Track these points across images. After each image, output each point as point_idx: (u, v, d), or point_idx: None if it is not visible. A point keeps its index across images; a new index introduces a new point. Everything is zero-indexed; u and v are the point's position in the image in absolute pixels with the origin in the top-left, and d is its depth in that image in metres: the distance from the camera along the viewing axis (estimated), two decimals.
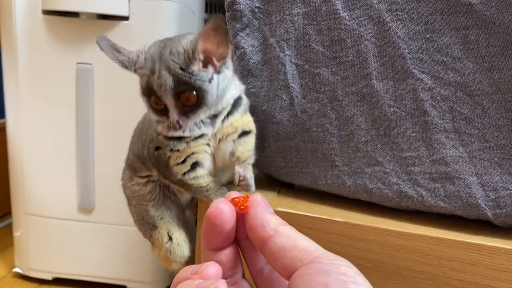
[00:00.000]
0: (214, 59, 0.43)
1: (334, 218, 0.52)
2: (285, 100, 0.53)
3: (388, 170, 0.52)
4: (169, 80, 0.42)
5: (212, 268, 0.25)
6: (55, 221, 1.05)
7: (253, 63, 0.53)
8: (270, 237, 0.25)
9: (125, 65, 0.45)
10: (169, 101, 0.43)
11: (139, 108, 1.00)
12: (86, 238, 1.06)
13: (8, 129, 1.05)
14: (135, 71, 0.46)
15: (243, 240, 0.28)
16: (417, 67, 0.48)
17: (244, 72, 0.54)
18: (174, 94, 0.42)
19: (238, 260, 0.28)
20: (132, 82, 0.97)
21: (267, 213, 0.26)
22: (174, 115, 0.43)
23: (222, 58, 0.44)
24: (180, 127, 0.43)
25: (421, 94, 0.49)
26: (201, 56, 0.43)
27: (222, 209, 0.27)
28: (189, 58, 0.42)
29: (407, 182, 0.51)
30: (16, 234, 1.10)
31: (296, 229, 0.26)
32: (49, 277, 1.08)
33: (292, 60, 0.51)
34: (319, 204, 0.55)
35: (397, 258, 0.50)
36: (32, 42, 0.99)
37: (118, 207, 1.04)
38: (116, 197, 1.04)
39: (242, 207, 0.27)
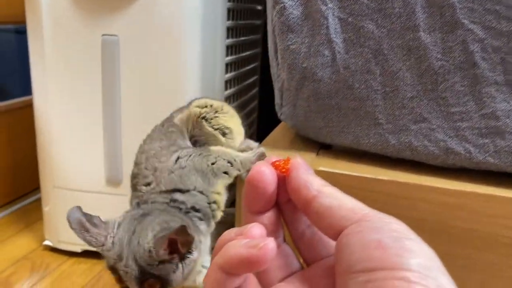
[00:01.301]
0: (180, 248, 0.44)
1: (378, 177, 0.51)
2: (327, 56, 0.51)
3: (434, 126, 0.50)
4: (135, 270, 0.43)
5: (257, 229, 0.25)
6: (84, 194, 1.06)
7: (293, 18, 0.51)
8: (315, 198, 0.25)
9: (92, 245, 0.47)
10: (133, 286, 0.44)
11: (166, 79, 1.00)
12: (114, 210, 1.06)
13: (35, 104, 1.05)
14: (101, 251, 0.46)
15: (284, 204, 0.28)
16: (467, 17, 0.46)
17: (283, 28, 0.52)
18: (138, 282, 0.44)
19: (279, 224, 0.28)
20: (159, 54, 0.97)
21: (309, 174, 0.26)
22: None
23: (188, 245, 0.45)
24: None
25: (471, 46, 0.47)
26: (166, 254, 0.44)
27: (264, 171, 0.26)
28: (153, 257, 0.43)
29: (454, 138, 0.50)
30: (46, 208, 1.11)
31: (338, 189, 0.26)
32: (78, 249, 1.10)
33: (335, 13, 0.49)
34: (360, 164, 0.54)
35: (444, 216, 0.49)
36: (56, 14, 0.98)
37: None
38: None
39: (284, 170, 0.27)
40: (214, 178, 0.52)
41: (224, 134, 0.55)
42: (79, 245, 1.10)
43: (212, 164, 0.52)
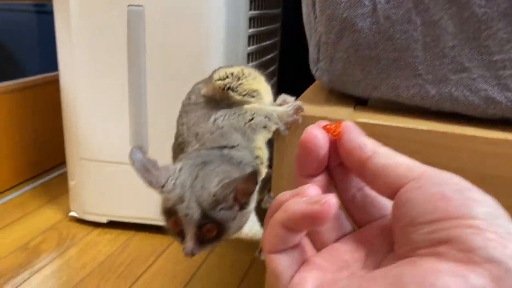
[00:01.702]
0: (241, 196, 0.44)
1: (418, 127, 0.51)
2: (367, 6, 0.51)
3: (475, 75, 0.50)
4: (196, 213, 0.42)
5: (313, 189, 0.25)
6: (109, 165, 1.07)
7: None
8: (369, 158, 0.25)
9: (152, 185, 0.46)
10: (190, 230, 0.43)
11: (190, 50, 1.00)
12: (140, 181, 1.07)
13: (61, 78, 1.06)
14: (161, 192, 0.45)
15: (334, 168, 0.29)
16: None
17: None
18: (197, 225, 0.43)
19: (330, 188, 0.29)
20: (184, 25, 0.97)
21: (362, 136, 0.27)
22: (190, 243, 0.43)
23: (249, 196, 0.45)
24: (193, 255, 0.44)
25: None
26: (231, 199, 0.43)
27: (316, 135, 0.27)
28: (219, 201, 0.43)
29: (496, 87, 0.50)
30: (72, 182, 1.13)
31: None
32: (104, 220, 1.11)
33: None
34: (398, 116, 0.54)
35: (487, 166, 0.49)
36: None
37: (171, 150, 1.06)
38: (169, 141, 1.05)
39: (335, 133, 0.27)
40: (253, 134, 0.52)
41: (252, 97, 0.55)
42: (104, 216, 1.11)
43: (250, 120, 0.52)
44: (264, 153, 0.53)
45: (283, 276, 0.25)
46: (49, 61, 1.40)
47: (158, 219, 1.10)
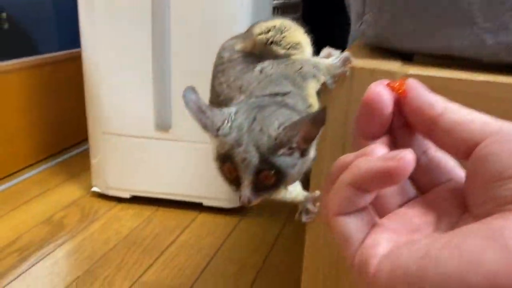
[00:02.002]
0: (303, 141, 0.40)
1: (476, 78, 0.48)
2: None
3: None
4: (254, 157, 0.39)
5: (381, 149, 0.24)
6: (133, 139, 1.06)
7: None
8: (441, 115, 0.24)
9: (207, 128, 0.41)
10: (247, 176, 0.40)
11: (217, 21, 0.97)
12: (163, 156, 1.06)
13: (83, 53, 1.04)
14: (216, 136, 0.41)
15: (398, 129, 0.27)
16: None
17: None
18: (255, 171, 0.39)
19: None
20: None
21: (430, 92, 0.25)
22: (246, 190, 0.40)
23: (312, 140, 0.41)
24: (249, 203, 0.40)
25: None
26: (293, 143, 0.40)
27: (381, 92, 0.25)
28: (280, 145, 0.39)
29: None
30: (94, 156, 1.11)
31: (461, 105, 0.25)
32: (127, 195, 1.10)
33: None
34: (450, 69, 0.51)
35: None
36: None
37: (195, 125, 1.04)
38: None
39: (400, 91, 0.25)
40: (303, 81, 0.49)
41: (296, 50, 0.52)
42: (127, 191, 1.10)
43: (299, 69, 0.49)
44: (316, 102, 0.50)
45: (353, 239, 0.24)
46: (69, 38, 1.39)
47: (180, 194, 1.09)
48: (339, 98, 0.51)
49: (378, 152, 0.23)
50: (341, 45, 0.57)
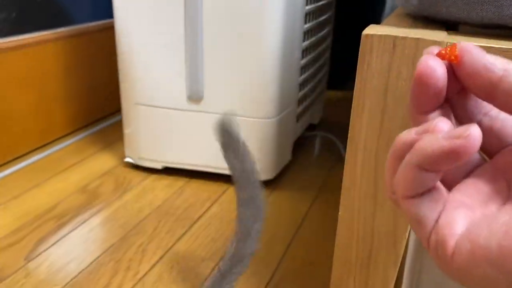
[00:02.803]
0: None
1: None
2: None
3: None
4: None
5: (445, 123, 0.23)
6: (165, 110, 1.06)
7: None
8: (502, 77, 0.23)
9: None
10: None
11: None
12: (195, 127, 1.06)
13: (116, 23, 1.04)
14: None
15: (453, 96, 0.26)
16: None
17: None
18: None
19: (452, 121, 0.26)
20: None
21: (486, 54, 0.24)
22: None
23: None
24: None
25: None
26: None
27: (433, 65, 0.24)
28: None
29: None
30: (127, 127, 1.12)
31: None
32: (159, 166, 1.11)
33: None
34: (499, 39, 0.48)
35: None
36: None
37: (227, 97, 1.03)
38: (225, 86, 1.02)
39: (452, 58, 0.24)
40: None
41: None
42: (159, 162, 1.11)
43: None
44: None
45: (426, 220, 0.23)
46: (103, 8, 1.39)
47: (212, 166, 1.09)
48: (379, 69, 0.49)
49: (441, 128, 0.22)
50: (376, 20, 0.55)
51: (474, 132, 0.21)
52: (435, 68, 0.24)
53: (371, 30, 0.48)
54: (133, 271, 0.79)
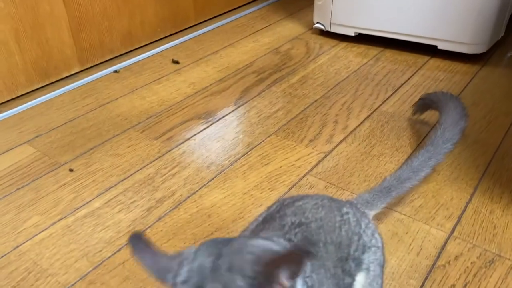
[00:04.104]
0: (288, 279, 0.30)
1: None
2: None
3: None
4: None
5: None
6: None
7: None
8: None
9: (160, 275, 0.31)
10: None
11: None
12: None
13: None
14: (173, 285, 0.30)
15: None
16: None
17: None
18: None
19: None
20: None
21: None
22: None
23: (298, 275, 0.31)
24: None
25: None
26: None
27: None
28: (260, 285, 0.30)
29: None
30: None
31: None
32: (351, 32, 1.05)
33: None
34: None
35: None
36: None
37: None
38: None
39: None
40: None
41: None
42: (352, 28, 1.05)
43: None
44: None
45: None
46: None
47: (411, 35, 0.99)
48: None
49: None
50: None
51: None
52: None
53: None
54: (342, 124, 0.78)
